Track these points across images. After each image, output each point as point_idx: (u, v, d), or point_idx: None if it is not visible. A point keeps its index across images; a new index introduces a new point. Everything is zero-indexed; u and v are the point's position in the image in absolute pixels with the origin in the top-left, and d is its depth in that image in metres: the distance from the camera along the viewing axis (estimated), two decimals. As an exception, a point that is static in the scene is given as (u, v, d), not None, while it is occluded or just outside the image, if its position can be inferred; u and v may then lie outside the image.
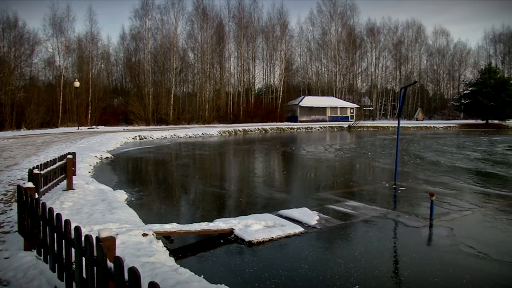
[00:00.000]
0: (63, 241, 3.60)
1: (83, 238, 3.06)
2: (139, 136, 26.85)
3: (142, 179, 12.56)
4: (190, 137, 29.28)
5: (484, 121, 49.95)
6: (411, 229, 6.67)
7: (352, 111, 56.81)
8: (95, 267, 2.84)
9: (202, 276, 4.23)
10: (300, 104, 52.46)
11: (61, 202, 7.36)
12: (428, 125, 48.79)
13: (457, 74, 73.00)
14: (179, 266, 4.51)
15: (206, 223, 6.40)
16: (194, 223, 6.42)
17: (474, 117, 52.70)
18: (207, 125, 43.60)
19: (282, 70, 56.61)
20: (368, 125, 47.23)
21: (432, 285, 4.52)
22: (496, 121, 49.23)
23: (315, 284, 4.59)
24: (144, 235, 5.46)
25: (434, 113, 68.95)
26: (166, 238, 5.78)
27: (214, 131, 33.26)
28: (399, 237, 6.57)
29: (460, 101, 53.69)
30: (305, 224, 6.72)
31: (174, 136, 28.77)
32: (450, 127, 48.16)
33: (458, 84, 70.83)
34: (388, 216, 7.41)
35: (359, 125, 46.74)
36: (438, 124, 51.38)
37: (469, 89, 51.55)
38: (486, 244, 5.88)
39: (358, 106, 59.56)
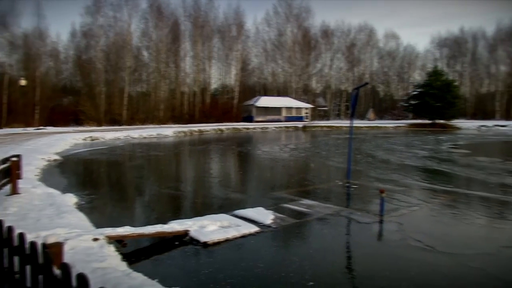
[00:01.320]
0: (6, 249, 3.42)
1: (27, 245, 2.92)
2: (90, 137, 25.95)
3: (94, 181, 12.17)
4: (144, 137, 28.66)
5: (431, 121, 52.26)
6: (363, 226, 6.88)
7: (307, 111, 57.76)
8: (41, 276, 2.71)
9: (156, 279, 4.15)
10: (256, 104, 52.71)
11: (4, 208, 6.97)
12: (379, 125, 50.45)
13: (406, 76, 75.96)
14: (132, 270, 4.40)
15: (160, 225, 6.28)
16: (148, 226, 6.28)
17: (422, 117, 54.98)
18: (162, 125, 42.80)
19: (238, 70, 56.63)
20: (323, 125, 48.19)
21: (383, 278, 4.69)
22: (442, 121, 51.62)
23: (270, 282, 4.63)
24: (95, 239, 5.28)
25: (385, 113, 71.33)
26: (118, 242, 5.61)
27: (169, 131, 32.74)
28: (352, 233, 6.76)
29: (409, 101, 55.82)
30: (261, 223, 6.76)
31: (127, 137, 28.04)
32: (399, 126, 50.04)
33: (407, 85, 73.71)
34: (341, 213, 7.60)
35: (314, 125, 47.61)
36: (389, 124, 53.23)
37: (417, 90, 53.73)
38: (433, 238, 6.16)
39: (313, 106, 60.62)
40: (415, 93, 54.31)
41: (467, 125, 50.21)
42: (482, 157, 17.47)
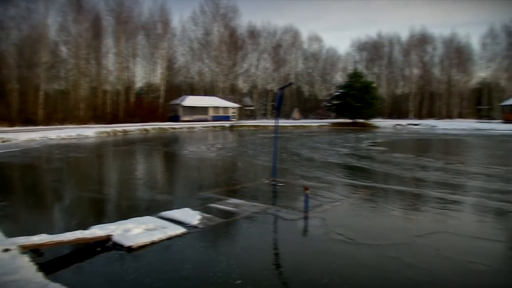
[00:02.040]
0: None
1: None
2: (1, 139, 23.92)
3: (5, 187, 11.22)
4: (63, 138, 26.99)
5: (352, 120, 55.01)
6: (289, 222, 7.05)
7: (234, 111, 58.06)
8: None
9: (76, 288, 3.92)
10: (183, 103, 51.93)
11: None
12: (304, 124, 52.08)
13: (329, 77, 79.32)
14: (49, 281, 4.11)
15: (80, 231, 5.94)
16: (67, 233, 5.90)
17: (343, 117, 57.65)
18: (82, 125, 40.54)
19: (164, 69, 55.46)
20: (249, 124, 48.72)
21: (308, 272, 4.84)
22: (361, 120, 54.54)
23: (198, 283, 4.59)
24: (6, 250, 4.86)
25: (309, 112, 73.89)
26: (34, 251, 5.20)
27: (90, 132, 31.14)
28: (278, 230, 6.90)
29: (332, 102, 58.27)
30: (187, 224, 6.66)
31: (44, 138, 26.22)
32: (323, 125, 52.07)
33: (330, 86, 76.95)
34: (267, 211, 7.72)
35: (241, 124, 47.99)
36: (313, 123, 55.15)
37: (339, 91, 56.28)
38: (353, 230, 6.48)
39: (240, 106, 61.09)
40: (337, 93, 56.83)
41: (384, 124, 53.60)
42: (397, 154, 18.71)
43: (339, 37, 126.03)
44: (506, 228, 7.17)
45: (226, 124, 48.03)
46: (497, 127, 47.39)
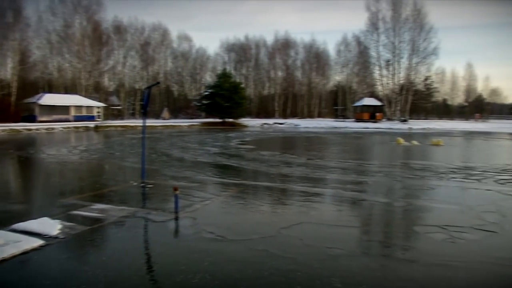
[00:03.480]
0: None
1: None
2: None
3: None
4: None
5: (222, 120, 56.18)
6: (159, 224, 6.88)
7: (99, 111, 54.64)
8: None
9: None
10: (40, 102, 47.03)
11: None
12: (174, 124, 51.51)
13: (199, 77, 79.87)
14: None
15: None
16: None
17: (213, 116, 58.58)
18: None
19: (16, 63, 49.49)
20: (117, 124, 46.39)
21: (179, 273, 4.78)
22: (231, 120, 56.06)
23: (58, 299, 4.18)
24: None
25: (179, 112, 73.33)
26: None
27: None
28: (148, 233, 6.69)
29: (202, 101, 58.68)
30: (46, 235, 6.04)
31: None
32: (193, 125, 52.17)
33: (200, 86, 77.50)
34: (136, 214, 7.43)
35: (107, 124, 45.42)
36: (183, 122, 54.90)
37: (209, 91, 56.97)
38: (223, 228, 6.62)
39: (106, 105, 57.72)
40: (206, 93, 57.47)
41: (252, 123, 56.04)
42: (264, 151, 19.68)
43: (208, 37, 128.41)
44: (359, 215, 8.06)
45: (91, 124, 44.95)
46: (350, 125, 53.54)
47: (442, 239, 6.17)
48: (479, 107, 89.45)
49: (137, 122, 48.22)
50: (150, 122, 47.16)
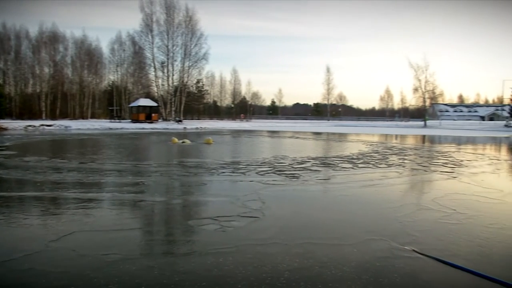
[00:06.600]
0: None
1: None
2: None
3: None
4: None
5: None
6: None
7: None
8: None
9: None
10: None
11: None
12: None
13: None
14: None
15: None
16: None
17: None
18: None
19: None
20: None
21: None
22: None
23: None
24: None
25: None
26: None
27: None
28: None
29: None
30: None
31: None
32: None
33: None
34: None
35: None
36: None
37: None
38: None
39: None
40: None
41: (14, 125, 48.86)
42: (29, 157, 17.45)
43: None
44: (137, 217, 7.99)
45: None
46: (127, 126, 52.57)
47: (214, 229, 6.74)
48: (243, 108, 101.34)
49: None
50: None
